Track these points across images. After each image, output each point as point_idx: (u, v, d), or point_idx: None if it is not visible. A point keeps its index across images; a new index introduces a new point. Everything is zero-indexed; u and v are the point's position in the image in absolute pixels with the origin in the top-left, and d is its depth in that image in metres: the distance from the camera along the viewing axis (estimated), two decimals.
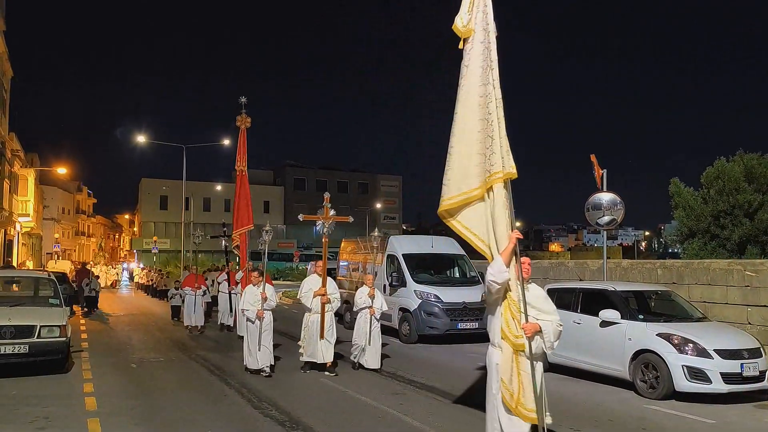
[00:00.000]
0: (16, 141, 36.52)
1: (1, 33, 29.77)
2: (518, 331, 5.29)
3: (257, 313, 10.37)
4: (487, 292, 5.49)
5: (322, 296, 10.49)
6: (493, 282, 5.32)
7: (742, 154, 21.23)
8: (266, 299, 10.45)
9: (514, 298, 5.36)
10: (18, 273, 16.83)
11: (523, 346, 5.24)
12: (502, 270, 5.30)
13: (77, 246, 79.57)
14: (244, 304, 10.64)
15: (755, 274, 10.86)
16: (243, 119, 15.62)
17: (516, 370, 5.26)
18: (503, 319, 5.39)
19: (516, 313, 5.33)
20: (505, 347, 5.34)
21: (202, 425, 7.26)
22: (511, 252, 5.39)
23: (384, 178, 75.40)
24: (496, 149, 5.61)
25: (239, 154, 15.98)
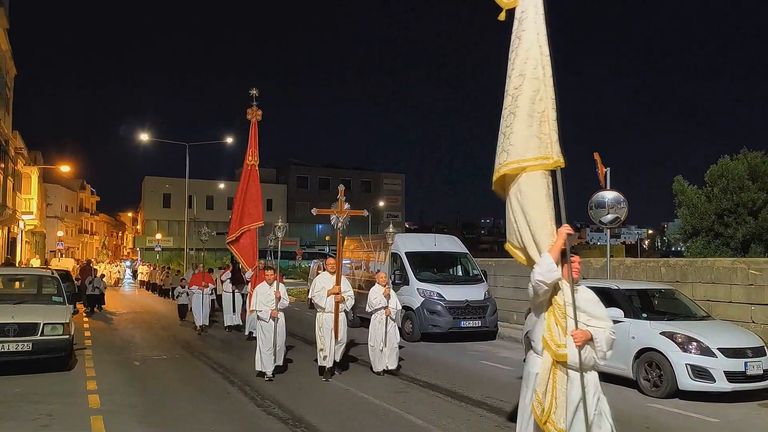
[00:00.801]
0: (19, 139, 36.56)
1: (5, 31, 29.79)
2: (561, 339, 4.70)
3: (271, 313, 9.95)
4: (533, 294, 4.88)
5: (336, 295, 10.00)
6: (541, 282, 4.71)
7: (746, 152, 21.16)
8: (280, 299, 10.05)
9: (560, 302, 4.77)
10: (21, 271, 16.87)
11: (566, 357, 4.67)
12: (552, 269, 4.68)
13: (80, 244, 79.76)
14: (256, 305, 10.14)
15: (759, 273, 10.83)
16: (254, 112, 14.99)
17: (552, 383, 4.72)
18: (545, 324, 4.83)
19: (560, 318, 4.75)
20: (545, 356, 4.79)
21: (204, 423, 7.27)
22: (560, 249, 4.78)
23: (387, 177, 75.35)
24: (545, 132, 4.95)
25: (250, 148, 15.22)
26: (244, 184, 15.30)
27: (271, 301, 10.00)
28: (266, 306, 9.99)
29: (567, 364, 4.67)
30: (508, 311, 16.87)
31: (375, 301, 10.54)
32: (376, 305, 10.52)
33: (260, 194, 15.29)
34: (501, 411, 7.89)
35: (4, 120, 30.98)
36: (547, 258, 4.72)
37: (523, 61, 5.02)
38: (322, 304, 10.03)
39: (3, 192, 31.08)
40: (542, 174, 4.92)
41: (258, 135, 15.24)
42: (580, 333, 4.63)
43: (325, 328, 9.98)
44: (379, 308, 10.47)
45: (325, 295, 10.00)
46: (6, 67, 31.87)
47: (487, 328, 14.71)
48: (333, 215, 10.54)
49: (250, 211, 14.87)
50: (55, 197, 64.30)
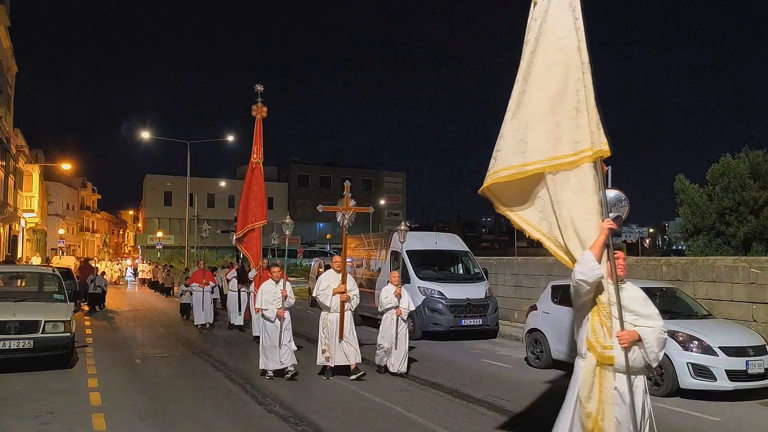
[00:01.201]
0: (20, 137, 36.58)
1: (6, 29, 29.80)
2: (607, 340, 4.41)
3: (277, 312, 9.67)
4: (575, 294, 4.58)
5: (341, 294, 9.75)
6: (583, 282, 4.40)
7: (747, 150, 21.14)
8: (286, 297, 9.76)
9: (604, 301, 4.48)
10: (23, 269, 16.88)
11: (612, 359, 4.38)
12: (594, 267, 4.37)
13: (82, 242, 79.84)
14: (262, 303, 9.84)
15: (760, 272, 10.81)
16: (259, 108, 14.54)
17: (597, 387, 4.43)
18: (590, 326, 4.53)
19: (605, 319, 4.44)
20: (590, 358, 4.52)
21: (206, 421, 7.27)
22: (603, 245, 4.47)
23: (388, 175, 75.38)
24: (583, 122, 4.56)
25: (255, 145, 14.80)
26: (249, 182, 15.08)
27: (277, 300, 9.75)
28: (272, 304, 9.74)
29: (614, 366, 4.40)
30: (509, 310, 16.87)
31: (386, 301, 10.26)
32: (386, 305, 10.23)
33: (264, 192, 15.01)
34: (502, 409, 7.90)
35: (5, 118, 30.98)
36: (588, 255, 4.43)
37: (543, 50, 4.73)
38: (327, 303, 9.79)
39: (4, 190, 31.10)
40: (589, 166, 4.61)
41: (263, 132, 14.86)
42: (626, 334, 4.36)
43: (330, 328, 9.76)
44: (390, 308, 10.21)
45: (331, 293, 9.77)
46: (7, 65, 31.87)
47: (488, 327, 14.71)
48: (339, 212, 10.35)
49: (254, 210, 14.66)
50: (57, 195, 64.39)
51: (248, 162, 15.06)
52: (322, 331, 9.81)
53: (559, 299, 10.97)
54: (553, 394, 8.97)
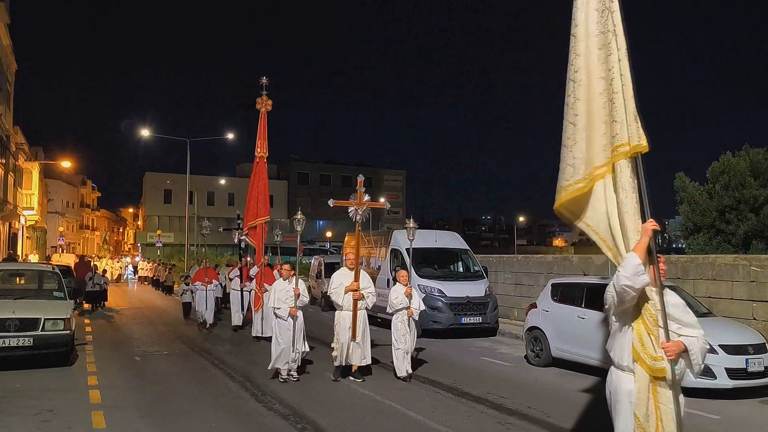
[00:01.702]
0: (20, 134, 36.56)
1: (6, 26, 29.75)
2: (657, 351, 4.05)
3: (290, 311, 9.38)
4: (617, 301, 4.15)
5: (354, 292, 9.48)
6: (628, 288, 3.99)
7: (747, 148, 21.13)
8: (299, 295, 9.47)
9: (651, 309, 4.11)
10: (22, 266, 16.87)
11: (664, 372, 4.03)
12: (640, 271, 3.98)
13: (81, 240, 79.82)
14: (274, 302, 9.53)
15: (761, 270, 10.81)
16: (264, 102, 14.31)
17: (654, 403, 4.07)
18: (635, 335, 4.13)
19: (653, 327, 4.09)
20: (639, 372, 4.11)
21: (205, 418, 7.27)
22: (646, 247, 4.10)
23: (388, 173, 75.36)
24: (620, 116, 4.24)
25: (259, 140, 14.49)
26: (255, 177, 14.78)
27: (290, 298, 9.45)
28: (284, 303, 9.46)
29: (666, 379, 4.07)
30: (508, 308, 16.87)
31: (396, 301, 9.86)
32: (397, 305, 9.85)
33: (267, 188, 14.79)
34: (502, 407, 7.90)
35: (5, 115, 30.96)
36: (634, 259, 4.03)
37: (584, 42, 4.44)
38: (340, 302, 9.54)
39: (4, 187, 31.08)
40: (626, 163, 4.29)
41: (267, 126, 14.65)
42: (672, 345, 4.04)
43: (343, 327, 9.50)
44: (400, 308, 9.84)
45: (343, 291, 9.52)
46: (7, 62, 31.83)
47: (487, 325, 14.71)
48: (351, 207, 10.06)
49: (258, 206, 14.48)
50: (56, 193, 64.36)
51: (248, 159, 15.00)
52: (336, 328, 9.62)
53: (559, 297, 10.97)
54: (552, 391, 8.97)
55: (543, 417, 7.44)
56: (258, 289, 14.17)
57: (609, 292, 4.19)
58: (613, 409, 4.38)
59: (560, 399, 8.47)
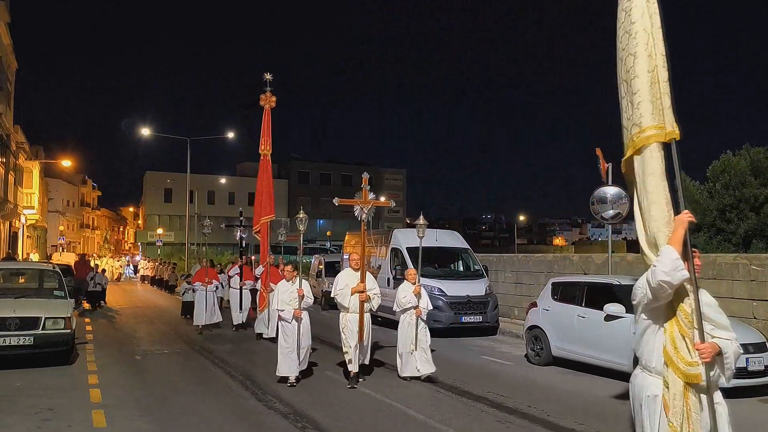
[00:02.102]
0: (21, 133, 36.58)
1: (6, 25, 29.76)
2: (691, 354, 3.75)
3: (294, 312, 9.11)
4: (651, 298, 3.82)
5: (360, 293, 9.17)
6: (665, 284, 3.70)
7: (748, 147, 21.14)
8: (303, 297, 9.18)
9: (686, 308, 3.81)
10: (23, 265, 16.87)
11: (699, 377, 3.74)
12: (678, 266, 3.70)
13: (82, 239, 79.83)
14: (278, 303, 9.30)
15: (761, 269, 10.81)
16: (267, 98, 14.04)
17: (686, 411, 3.76)
18: (668, 336, 3.83)
19: (687, 328, 3.78)
20: (672, 378, 3.79)
21: (205, 417, 7.27)
22: (682, 240, 3.81)
23: (388, 172, 75.35)
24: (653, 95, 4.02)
25: (263, 137, 14.26)
26: (260, 176, 14.57)
27: (293, 300, 9.20)
28: (288, 305, 9.20)
29: (698, 385, 3.79)
30: (509, 307, 16.87)
31: (404, 301, 9.65)
32: (405, 305, 9.64)
33: (271, 186, 14.49)
34: (502, 406, 7.90)
35: (5, 114, 30.97)
36: (671, 252, 3.75)
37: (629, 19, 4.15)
38: (346, 304, 9.21)
39: (4, 186, 31.09)
40: (657, 147, 4.02)
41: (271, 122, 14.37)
42: (708, 346, 3.74)
43: (349, 330, 9.18)
44: (408, 308, 9.62)
45: (349, 293, 9.20)
46: (7, 61, 31.84)
47: (488, 324, 14.71)
48: (357, 206, 9.73)
49: (263, 204, 14.25)
50: (57, 192, 64.35)
51: (248, 158, 15.01)
52: (343, 332, 9.26)
53: (559, 296, 10.97)
54: (552, 390, 8.97)
55: (543, 416, 7.44)
56: (263, 289, 13.95)
57: (639, 288, 3.92)
58: (635, 413, 4.04)
59: (560, 398, 8.47)
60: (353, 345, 9.12)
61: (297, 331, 9.07)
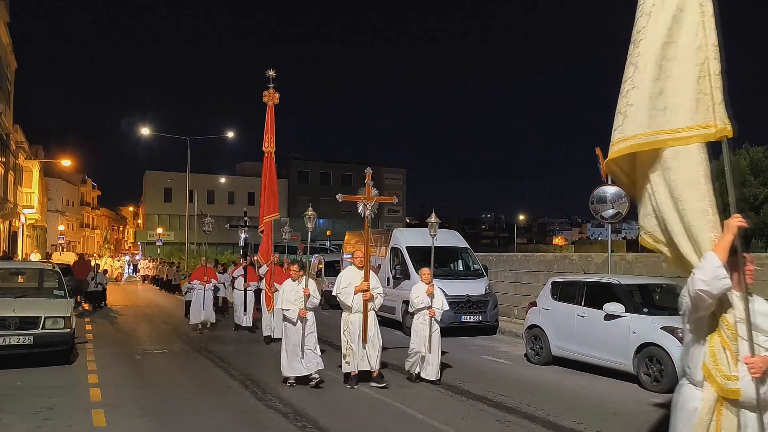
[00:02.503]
0: (20, 133, 36.56)
1: (5, 24, 29.74)
2: (731, 368, 3.46)
3: (299, 312, 8.92)
4: (691, 308, 3.62)
5: (364, 292, 8.92)
6: (704, 293, 3.45)
7: (747, 147, 21.15)
8: (309, 296, 9.01)
9: (729, 319, 3.53)
10: (23, 264, 16.88)
11: (737, 393, 3.42)
12: (720, 275, 3.41)
13: (82, 238, 79.85)
14: (282, 303, 9.09)
15: (760, 268, 10.79)
16: (271, 94, 13.79)
17: (716, 428, 3.50)
18: (707, 349, 3.58)
19: (729, 341, 3.51)
20: (707, 390, 3.54)
21: (205, 416, 7.28)
22: (729, 246, 3.51)
23: (388, 171, 75.36)
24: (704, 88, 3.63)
25: (267, 134, 14.00)
26: (264, 174, 14.28)
27: (299, 299, 9.00)
28: (293, 304, 8.99)
29: (739, 402, 3.47)
30: (508, 306, 16.88)
31: (417, 301, 9.36)
32: (418, 305, 9.35)
33: (275, 184, 14.28)
34: (501, 405, 7.90)
35: (5, 114, 30.96)
36: (713, 259, 3.45)
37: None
38: (349, 303, 8.95)
39: (4, 186, 31.08)
40: (698, 147, 3.74)
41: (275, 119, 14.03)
42: (759, 360, 3.40)
43: (352, 331, 8.93)
44: (422, 308, 9.33)
45: (353, 292, 8.94)
46: (7, 61, 31.83)
47: (487, 323, 14.72)
48: (360, 202, 9.50)
49: (267, 203, 14.04)
50: (57, 191, 64.39)
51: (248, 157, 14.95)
52: (344, 333, 9.00)
53: (559, 296, 10.97)
54: (552, 390, 8.98)
55: (542, 415, 7.45)
56: (268, 289, 13.75)
57: (683, 297, 3.70)
58: (673, 424, 3.79)
59: (560, 397, 8.48)
60: (355, 347, 8.84)
61: (302, 332, 8.85)
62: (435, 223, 10.24)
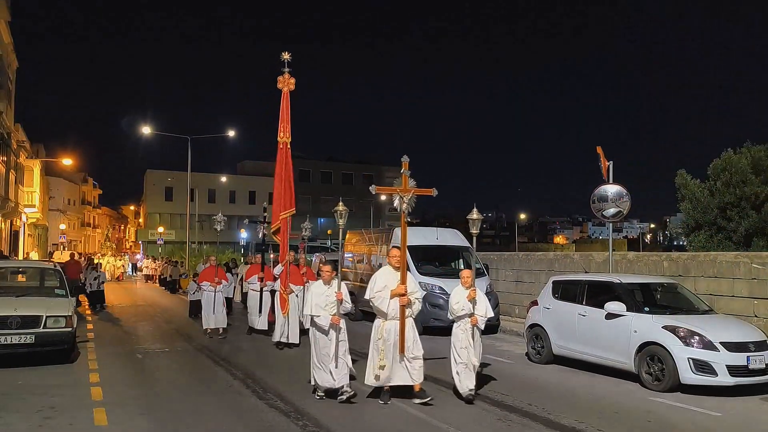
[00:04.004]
0: (21, 132, 36.59)
1: (7, 23, 29.75)
2: None
3: (332, 319, 7.89)
4: None
5: (401, 296, 7.85)
6: None
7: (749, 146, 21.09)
8: (342, 301, 8.01)
9: None
10: (24, 263, 16.89)
11: None
12: None
13: (83, 237, 79.92)
14: (312, 309, 7.98)
15: (762, 267, 10.80)
16: (286, 80, 12.75)
17: None
18: None
19: None
20: None
21: (206, 415, 7.28)
22: None
23: (389, 170, 75.32)
24: None
25: (282, 123, 12.96)
26: (280, 166, 13.15)
27: (330, 304, 7.99)
28: (324, 310, 7.96)
29: None
30: (510, 305, 16.88)
31: (458, 307, 8.23)
32: (458, 312, 8.22)
33: (291, 178, 13.22)
34: (502, 404, 7.90)
35: (6, 113, 30.97)
36: None
37: None
38: (384, 308, 7.85)
39: (5, 185, 31.11)
40: None
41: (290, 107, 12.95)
42: None
43: (387, 340, 7.83)
44: (462, 316, 8.22)
45: (388, 296, 7.85)
46: (8, 60, 31.85)
47: (488, 323, 14.67)
48: (396, 195, 8.33)
49: (283, 198, 13.01)
50: (58, 190, 64.48)
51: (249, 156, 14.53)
52: (376, 343, 7.91)
53: (560, 294, 10.97)
54: (553, 389, 8.97)
55: (544, 414, 7.45)
56: (283, 290, 12.64)
57: None
58: None
59: (561, 396, 8.47)
60: (390, 359, 7.79)
61: (334, 341, 7.88)
62: (477, 220, 9.08)
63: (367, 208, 61.63)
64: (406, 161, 8.35)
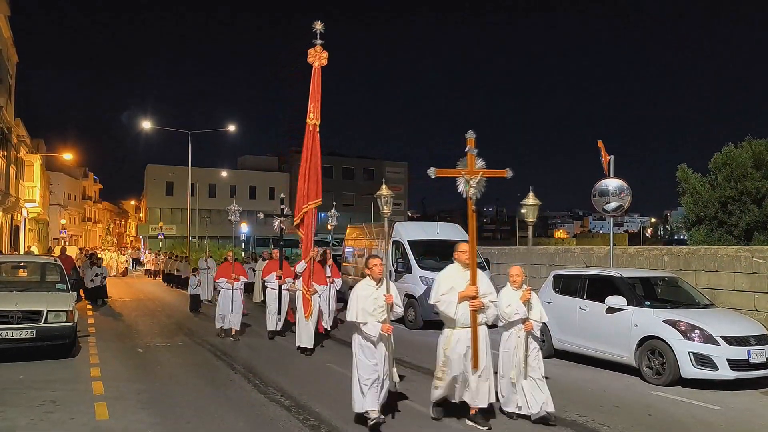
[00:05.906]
0: (22, 127, 36.54)
1: (6, 18, 29.68)
2: None
3: (382, 327, 6.51)
4: None
5: (472, 300, 6.53)
6: None
7: (750, 140, 21.03)
8: (392, 305, 6.66)
9: None
10: (25, 258, 16.89)
11: None
12: None
13: (84, 232, 79.97)
14: (357, 314, 6.55)
15: (762, 261, 10.80)
16: (318, 53, 11.39)
17: None
18: None
19: None
20: None
21: (207, 410, 7.29)
22: None
23: (389, 165, 75.35)
24: None
25: (312, 102, 11.51)
26: (307, 150, 11.72)
27: (379, 309, 6.61)
28: (372, 315, 6.56)
29: None
30: None
31: (509, 310, 7.07)
32: (510, 316, 7.10)
33: (319, 164, 11.79)
34: None
35: (6, 108, 30.93)
36: None
37: None
38: (452, 314, 6.57)
39: (6, 180, 31.11)
40: None
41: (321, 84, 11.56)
42: None
43: (456, 352, 6.58)
44: (515, 320, 7.12)
45: (456, 299, 6.57)
46: (8, 54, 31.78)
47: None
48: (461, 177, 6.78)
49: (308, 188, 11.68)
50: (58, 185, 64.46)
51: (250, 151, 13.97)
52: (444, 352, 6.69)
53: (561, 289, 10.96)
54: (554, 383, 8.96)
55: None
56: (306, 291, 11.48)
57: None
58: None
59: (562, 390, 8.47)
60: (458, 374, 6.59)
61: (384, 352, 6.61)
62: (534, 205, 7.41)
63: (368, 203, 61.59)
64: (472, 137, 6.78)
